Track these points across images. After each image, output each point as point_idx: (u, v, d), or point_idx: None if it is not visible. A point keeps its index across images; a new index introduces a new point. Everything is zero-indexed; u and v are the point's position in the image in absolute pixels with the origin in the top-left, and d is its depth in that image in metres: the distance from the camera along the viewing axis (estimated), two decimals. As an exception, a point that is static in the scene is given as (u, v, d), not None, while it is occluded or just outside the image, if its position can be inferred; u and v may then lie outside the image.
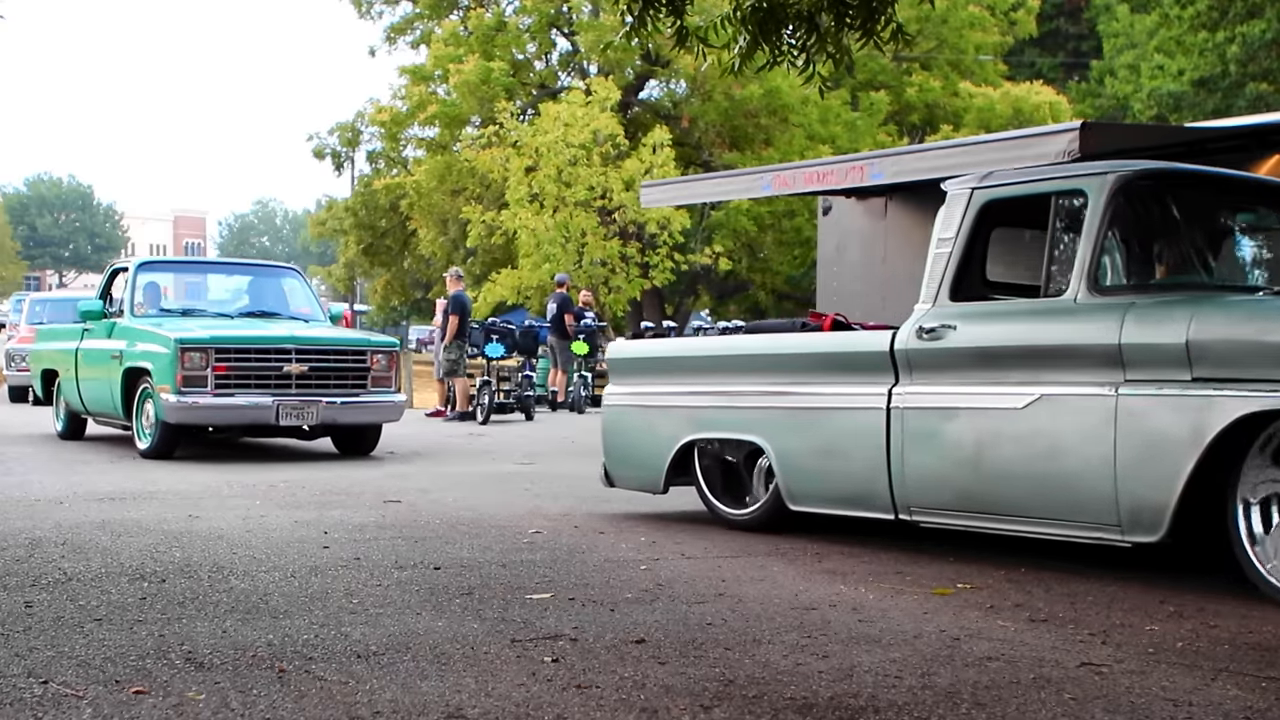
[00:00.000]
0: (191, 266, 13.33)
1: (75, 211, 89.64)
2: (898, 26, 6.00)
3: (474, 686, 3.43)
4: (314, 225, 37.65)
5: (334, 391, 10.44)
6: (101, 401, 11.20)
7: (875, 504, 5.87)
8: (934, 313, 5.75)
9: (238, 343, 10.26)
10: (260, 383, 10.18)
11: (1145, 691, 3.50)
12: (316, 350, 10.49)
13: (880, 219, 14.26)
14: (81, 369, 11.63)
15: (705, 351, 6.95)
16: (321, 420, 10.34)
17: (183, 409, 9.91)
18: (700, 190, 15.34)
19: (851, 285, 14.65)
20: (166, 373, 9.93)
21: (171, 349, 9.93)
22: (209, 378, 9.99)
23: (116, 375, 10.65)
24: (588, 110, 24.90)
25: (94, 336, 11.51)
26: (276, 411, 10.10)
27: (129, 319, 11.00)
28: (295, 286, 12.27)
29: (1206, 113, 25.92)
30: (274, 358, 10.27)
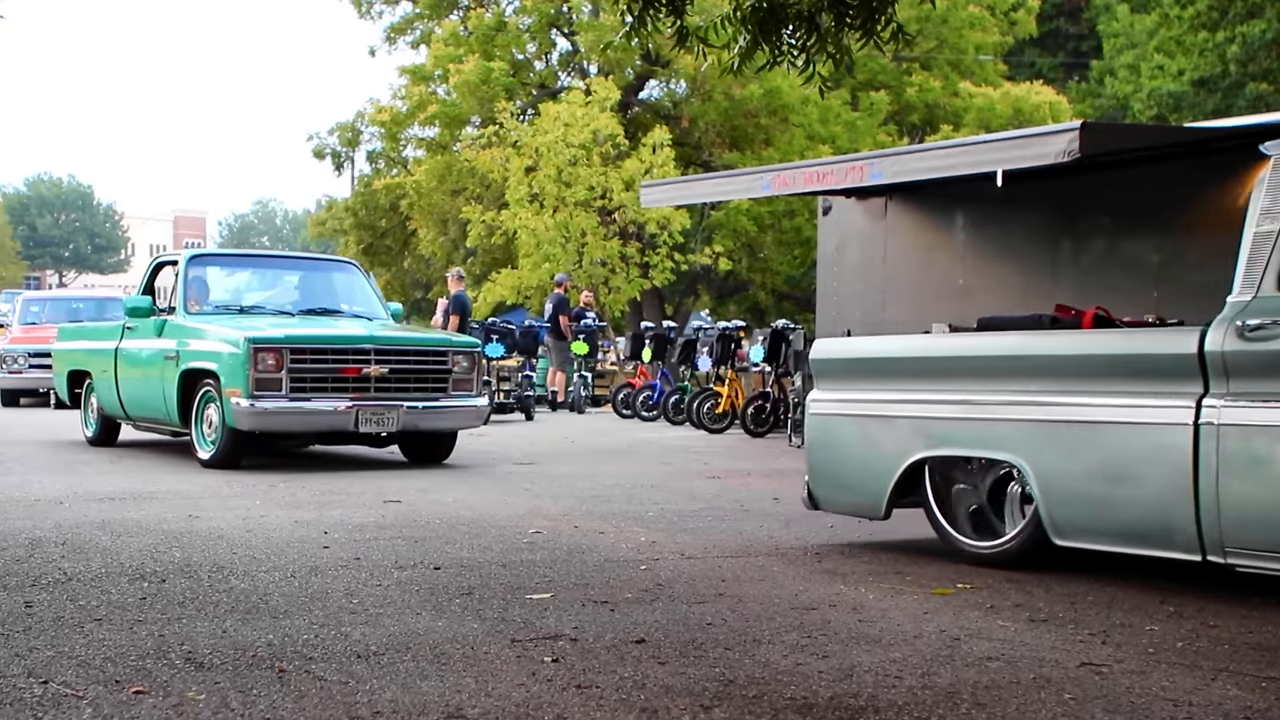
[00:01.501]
0: (247, 260, 12.27)
1: (75, 211, 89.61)
2: (898, 26, 6.00)
3: (474, 686, 3.43)
4: (314, 225, 37.62)
5: (414, 395, 9.65)
6: (149, 406, 10.42)
7: (1174, 542, 4.89)
8: (1258, 305, 4.77)
9: (314, 342, 9.46)
10: (337, 386, 9.38)
11: (1145, 691, 3.50)
12: (396, 351, 9.71)
13: (880, 219, 14.25)
14: (123, 370, 10.80)
15: (942, 351, 6.02)
16: (402, 426, 9.55)
17: (255, 414, 9.14)
18: (700, 190, 15.30)
19: (851, 285, 14.63)
20: (237, 375, 9.15)
21: (243, 349, 9.14)
22: (283, 380, 9.19)
23: (171, 377, 9.87)
24: (588, 110, 24.89)
25: (138, 335, 10.67)
26: (355, 417, 9.32)
27: (183, 316, 10.18)
28: (354, 281, 11.42)
29: (1206, 113, 25.92)
30: (352, 359, 9.48)
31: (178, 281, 10.48)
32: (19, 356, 17.90)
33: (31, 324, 18.92)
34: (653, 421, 16.19)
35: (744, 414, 14.20)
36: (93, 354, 11.59)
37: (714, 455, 11.37)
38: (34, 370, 17.61)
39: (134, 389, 10.65)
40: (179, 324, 10.14)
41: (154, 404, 10.25)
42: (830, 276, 14.76)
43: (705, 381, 15.95)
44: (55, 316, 18.87)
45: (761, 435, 13.93)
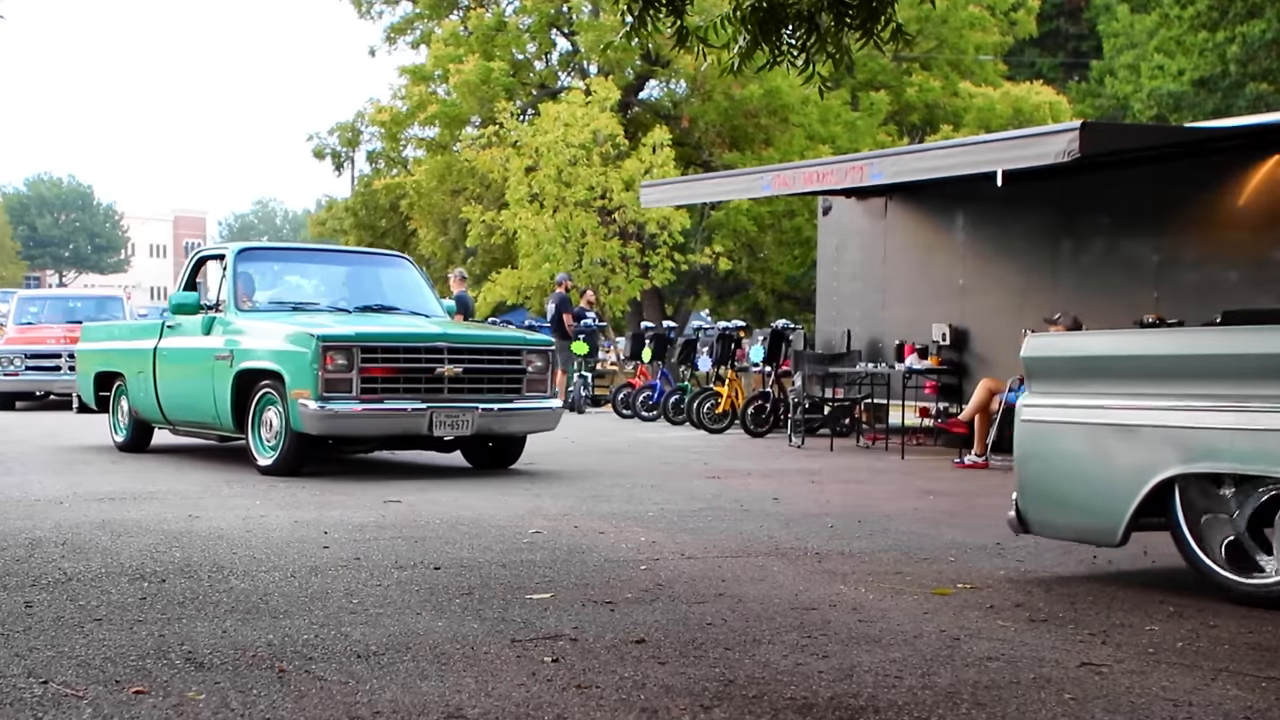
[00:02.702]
0: (297, 254, 11.67)
1: (75, 211, 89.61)
2: (898, 26, 6.00)
3: (474, 686, 3.43)
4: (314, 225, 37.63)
5: (489, 397, 9.13)
6: (195, 409, 9.84)
7: None
8: None
9: (386, 340, 8.95)
10: (410, 387, 8.85)
11: (1145, 691, 3.50)
12: (470, 349, 9.16)
13: (880, 219, 14.28)
14: (163, 371, 10.23)
15: (1198, 349, 4.98)
16: (476, 430, 9.02)
17: (326, 418, 8.58)
18: (700, 190, 15.39)
19: (851, 285, 14.67)
20: (305, 376, 8.59)
21: (313, 348, 8.58)
22: (354, 381, 8.64)
23: (224, 379, 9.29)
24: (588, 110, 24.89)
25: (182, 333, 10.09)
26: (430, 420, 8.80)
27: (234, 313, 9.60)
28: (408, 277, 10.83)
29: (1206, 113, 25.92)
30: (425, 358, 8.93)
31: (225, 276, 9.86)
32: (15, 358, 17.31)
33: (28, 324, 18.42)
34: (653, 421, 16.19)
35: (744, 414, 14.20)
36: (126, 354, 11.01)
37: (714, 455, 11.37)
38: (31, 373, 17.19)
39: (177, 391, 10.10)
40: (231, 321, 9.59)
41: (201, 407, 9.71)
42: (830, 276, 14.84)
43: (705, 381, 15.95)
44: (53, 316, 18.54)
45: (761, 435, 13.93)
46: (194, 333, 9.91)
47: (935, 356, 12.77)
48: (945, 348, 12.83)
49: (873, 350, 13.87)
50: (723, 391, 14.79)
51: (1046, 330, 10.85)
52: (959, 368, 12.83)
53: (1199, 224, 10.82)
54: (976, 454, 10.86)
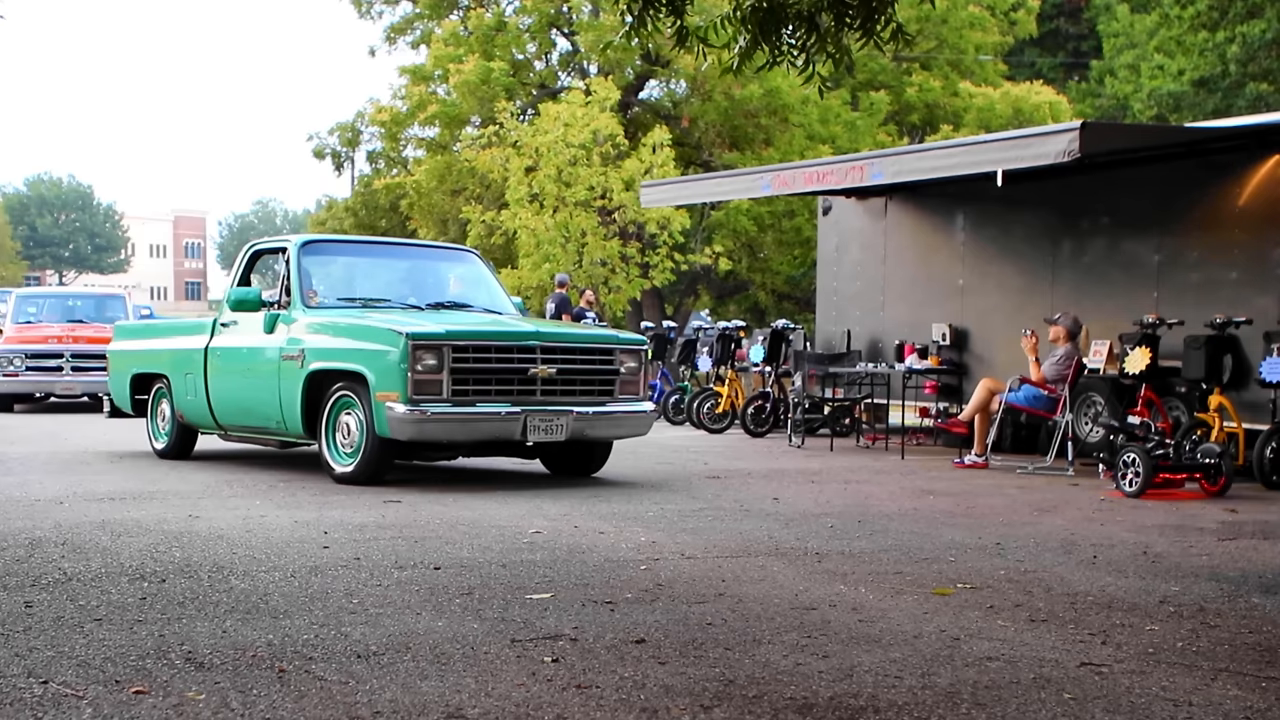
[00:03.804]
0: (361, 248, 10.92)
1: (75, 211, 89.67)
2: (898, 26, 6.00)
3: (474, 686, 3.43)
4: (314, 225, 37.64)
5: (582, 399, 8.62)
6: (255, 413, 9.25)
7: None
8: None
9: (478, 339, 8.37)
10: (502, 389, 8.32)
11: (1145, 691, 3.50)
12: (564, 349, 8.61)
13: (880, 219, 14.28)
14: (216, 373, 9.60)
15: None
16: (570, 434, 8.48)
17: (416, 422, 7.99)
18: (700, 190, 15.39)
19: (851, 285, 14.68)
20: (393, 377, 8.03)
21: (401, 347, 8.02)
22: (444, 383, 8.09)
23: (293, 380, 8.69)
24: (588, 110, 24.89)
25: (239, 332, 9.48)
26: (524, 424, 8.26)
27: (301, 310, 8.97)
28: (477, 272, 10.21)
29: (1206, 113, 25.92)
30: (517, 358, 8.40)
31: (289, 271, 9.21)
32: (14, 358, 16.86)
33: (27, 323, 17.96)
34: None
35: (744, 414, 14.20)
36: (171, 354, 10.30)
37: (714, 455, 11.37)
38: (31, 373, 16.79)
39: (234, 394, 9.47)
40: (298, 319, 8.95)
41: (263, 411, 9.12)
42: (830, 276, 14.85)
43: (705, 381, 15.95)
44: (52, 315, 18.12)
45: (761, 435, 13.93)
46: (254, 331, 9.27)
47: (935, 356, 12.77)
48: (945, 348, 12.83)
49: (873, 350, 13.87)
50: (723, 391, 14.80)
51: (1047, 330, 10.86)
52: (959, 368, 12.84)
53: (1199, 224, 10.82)
54: (976, 454, 10.86)
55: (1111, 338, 10.82)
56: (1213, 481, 8.70)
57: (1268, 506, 8.21)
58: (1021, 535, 6.57)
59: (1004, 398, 10.70)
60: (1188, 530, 6.92)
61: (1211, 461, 8.70)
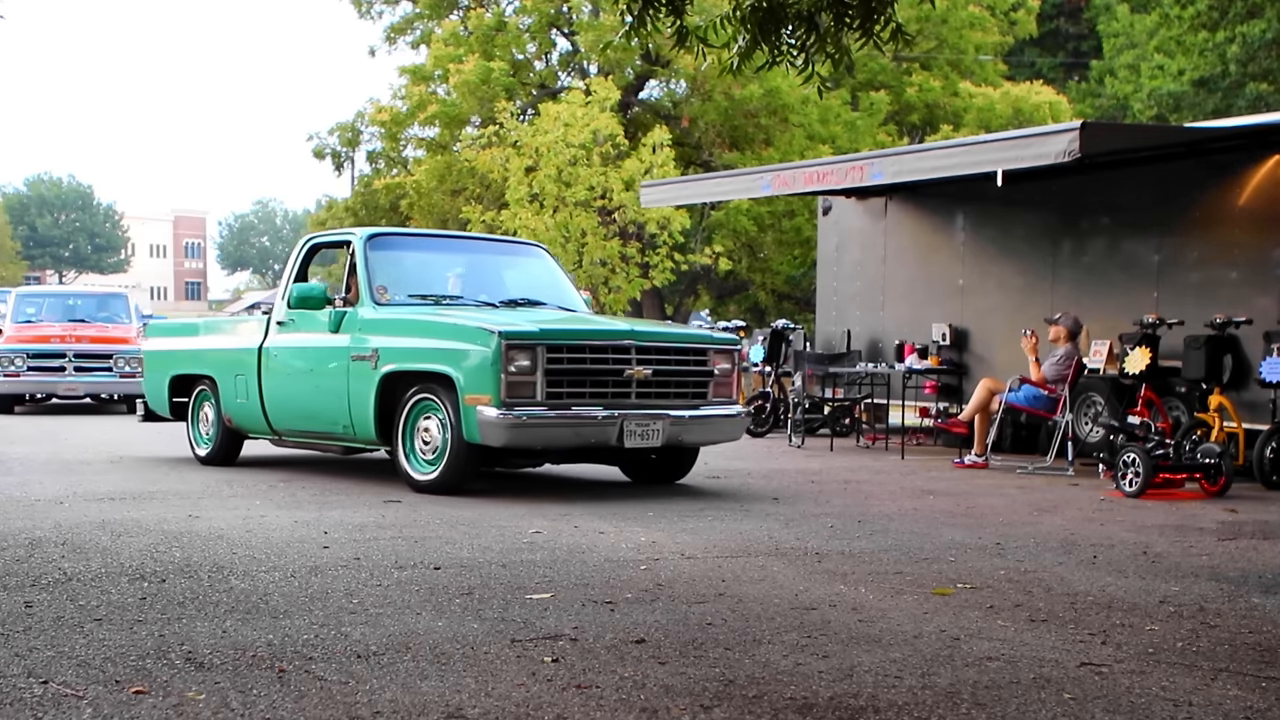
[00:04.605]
0: (428, 241, 10.34)
1: (75, 211, 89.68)
2: (897, 26, 6.00)
3: (474, 686, 3.43)
4: (314, 225, 37.65)
5: (676, 403, 8.20)
6: (319, 417, 8.75)
7: None
8: None
9: (573, 338, 7.93)
10: (596, 392, 7.88)
11: (1145, 691, 3.50)
12: (659, 349, 8.16)
13: (880, 219, 14.29)
14: (273, 374, 9.10)
15: None
16: (666, 440, 8.05)
17: (511, 427, 7.52)
18: (700, 190, 15.38)
19: (851, 285, 14.68)
20: (484, 378, 7.56)
21: (494, 347, 7.56)
22: (537, 385, 7.65)
23: (365, 382, 8.22)
24: (588, 110, 24.89)
25: (300, 330, 8.98)
26: (620, 429, 7.81)
27: (371, 308, 8.51)
28: (547, 268, 9.77)
29: (1206, 113, 25.93)
30: (612, 359, 7.95)
31: (356, 266, 8.75)
32: (16, 358, 16.40)
33: (27, 322, 17.53)
34: (653, 421, 16.16)
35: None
36: (218, 354, 9.82)
37: (714, 455, 11.37)
38: (33, 373, 16.39)
39: (294, 396, 8.97)
40: (369, 317, 8.47)
41: (329, 414, 8.62)
42: (830, 276, 14.85)
43: (705, 381, 15.92)
44: (53, 314, 17.76)
45: (761, 435, 13.93)
46: (317, 329, 8.78)
47: (935, 356, 12.78)
48: (945, 348, 12.83)
49: (873, 350, 13.87)
50: (723, 391, 14.77)
51: (1047, 330, 10.87)
52: (959, 368, 12.84)
53: (1199, 224, 10.82)
54: (976, 454, 10.86)
55: (1111, 338, 10.82)
56: (1213, 481, 8.70)
57: (1268, 506, 8.21)
58: (1021, 535, 6.57)
59: (1004, 398, 10.70)
60: (1188, 530, 6.92)
61: (1211, 461, 8.70)
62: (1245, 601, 4.84)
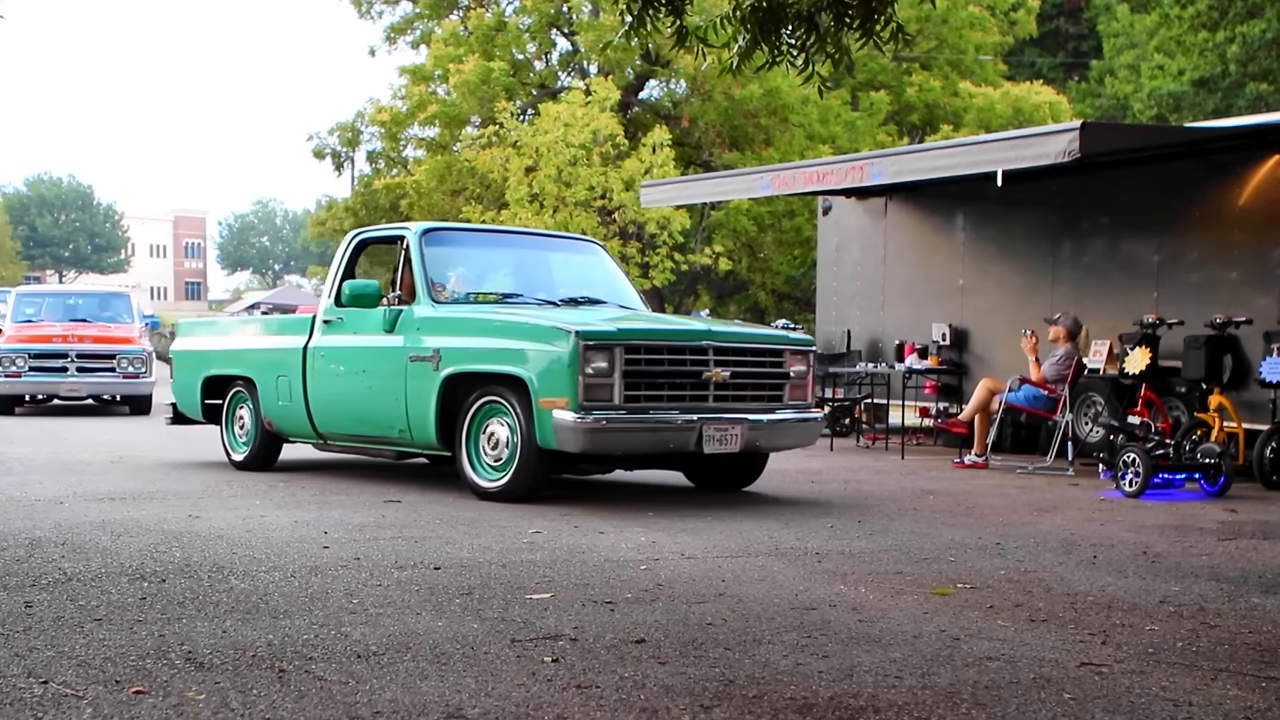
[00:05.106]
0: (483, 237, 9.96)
1: (75, 211, 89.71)
2: (897, 26, 6.00)
3: (474, 686, 3.43)
4: (314, 225, 37.62)
5: (753, 406, 7.85)
6: (372, 420, 8.38)
7: None
8: None
9: (652, 338, 7.57)
10: (674, 395, 7.53)
11: (1145, 691, 3.50)
12: (736, 350, 7.82)
13: (880, 219, 14.28)
14: (319, 375, 8.74)
15: None
16: (744, 445, 7.70)
17: (589, 431, 7.15)
18: (700, 190, 15.38)
19: (851, 285, 14.67)
20: (561, 380, 7.19)
21: (571, 347, 7.19)
22: (615, 387, 7.27)
23: (426, 384, 7.87)
24: (588, 110, 24.90)
25: (346, 329, 8.64)
26: (699, 434, 7.46)
27: (429, 306, 8.16)
28: (604, 265, 9.41)
29: (1206, 113, 25.92)
30: (690, 360, 7.60)
31: (412, 262, 8.38)
32: (17, 358, 16.08)
33: (27, 321, 17.23)
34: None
35: (744, 414, 14.19)
36: (258, 355, 9.46)
37: (714, 455, 11.36)
38: (35, 374, 16.11)
39: (344, 398, 8.60)
40: (427, 315, 8.10)
41: (383, 418, 8.26)
42: (830, 276, 14.85)
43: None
44: (53, 314, 17.50)
45: (761, 435, 13.91)
46: (369, 329, 8.43)
47: (935, 356, 12.78)
48: (945, 348, 12.83)
49: (873, 350, 13.86)
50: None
51: (1047, 330, 10.86)
52: (959, 368, 12.83)
53: (1199, 224, 10.82)
54: (976, 454, 10.86)
55: (1111, 338, 10.82)
56: (1213, 481, 8.70)
57: (1268, 506, 8.21)
58: (1021, 535, 6.57)
59: (1004, 398, 10.70)
60: (1188, 530, 6.92)
61: (1211, 461, 8.70)
62: (1245, 601, 4.84)
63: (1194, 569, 5.57)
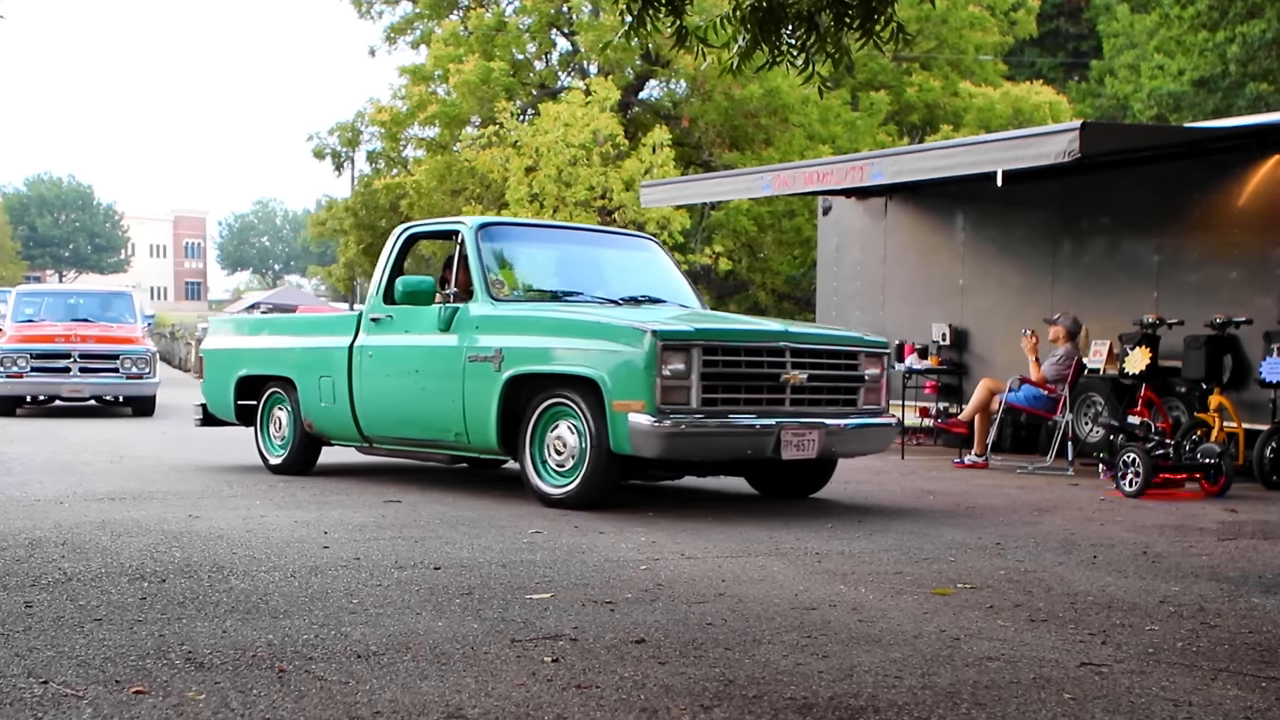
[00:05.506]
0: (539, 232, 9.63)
1: (75, 211, 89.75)
2: (897, 26, 6.00)
3: (474, 686, 3.43)
4: (314, 225, 37.63)
5: (829, 410, 7.54)
6: (427, 423, 8.03)
7: None
8: None
9: (729, 339, 7.24)
10: (751, 398, 7.22)
11: (1145, 691, 3.50)
12: (813, 351, 7.51)
13: (880, 219, 14.28)
14: (367, 375, 8.38)
15: None
16: (820, 451, 7.40)
17: (667, 436, 6.83)
18: (700, 190, 15.38)
19: (851, 285, 14.67)
20: (637, 382, 6.87)
21: (648, 348, 6.87)
22: (692, 390, 6.96)
23: (487, 385, 7.53)
24: (588, 110, 24.90)
25: (396, 328, 8.31)
26: (777, 439, 7.15)
27: (488, 304, 7.82)
28: (661, 263, 9.10)
29: (1206, 113, 25.93)
30: (767, 362, 7.29)
31: (468, 258, 8.06)
32: (19, 358, 15.71)
33: (28, 321, 17.01)
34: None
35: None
36: (298, 353, 9.08)
37: (714, 455, 11.36)
38: (37, 374, 15.85)
39: (394, 400, 8.27)
40: (487, 314, 7.77)
41: (438, 420, 7.93)
42: (830, 276, 14.85)
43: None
44: (54, 313, 17.31)
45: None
46: (422, 328, 8.10)
47: (935, 356, 12.77)
48: (945, 348, 12.83)
49: (873, 350, 13.84)
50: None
51: (1047, 330, 10.86)
52: (959, 368, 12.83)
53: (1199, 224, 10.82)
54: (976, 454, 10.86)
55: (1111, 338, 10.82)
56: (1213, 481, 8.70)
57: (1268, 506, 8.21)
58: (1021, 535, 6.57)
59: (1004, 398, 10.70)
60: (1188, 530, 6.92)
61: (1211, 461, 8.70)
62: (1245, 601, 4.84)
63: (1194, 569, 5.57)
